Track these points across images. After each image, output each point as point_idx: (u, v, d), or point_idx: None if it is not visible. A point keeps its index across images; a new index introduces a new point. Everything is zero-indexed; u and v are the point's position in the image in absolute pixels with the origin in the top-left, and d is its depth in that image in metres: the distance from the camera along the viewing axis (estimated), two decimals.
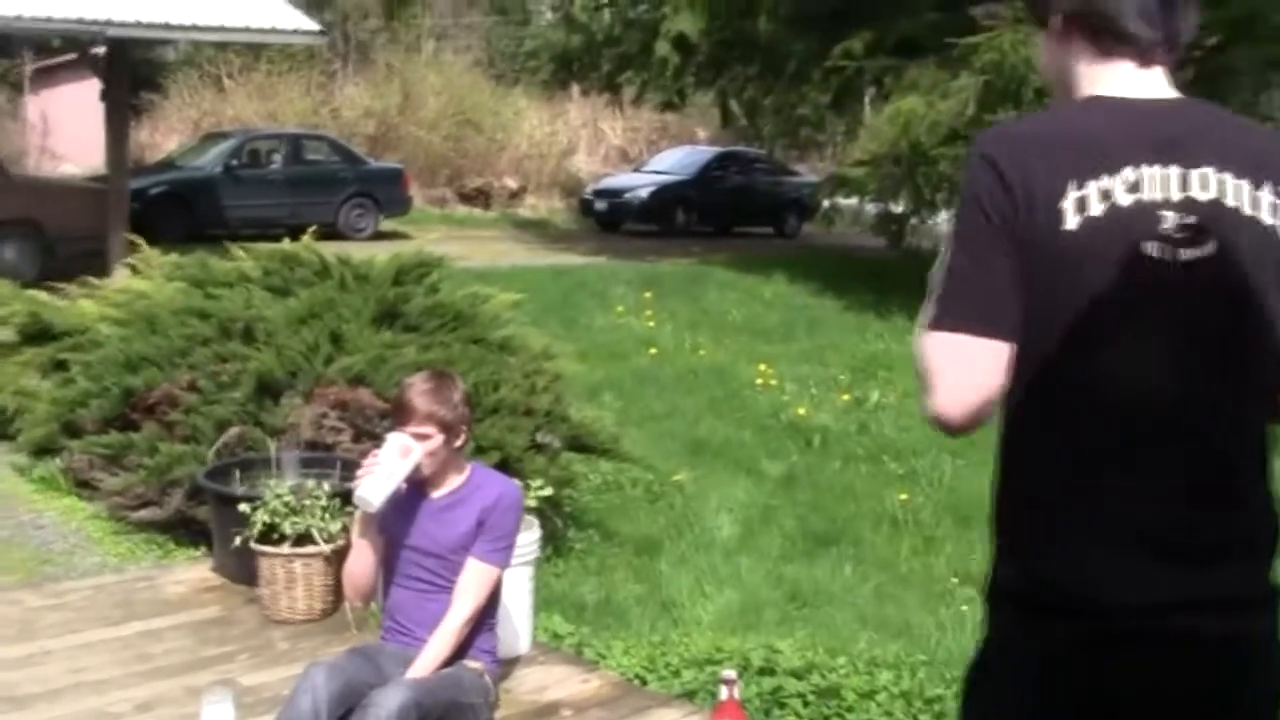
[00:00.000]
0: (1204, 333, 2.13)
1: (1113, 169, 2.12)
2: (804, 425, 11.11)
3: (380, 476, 4.10)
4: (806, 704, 5.02)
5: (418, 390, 4.22)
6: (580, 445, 7.62)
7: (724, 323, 16.53)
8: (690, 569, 7.24)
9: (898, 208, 20.52)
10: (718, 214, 28.21)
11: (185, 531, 6.62)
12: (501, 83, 37.81)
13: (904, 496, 8.91)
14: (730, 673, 4.25)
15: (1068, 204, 2.10)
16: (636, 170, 31.03)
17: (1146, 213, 2.11)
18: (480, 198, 31.07)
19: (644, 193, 27.66)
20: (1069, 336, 2.11)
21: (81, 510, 7.21)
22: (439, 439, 4.19)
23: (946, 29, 18.92)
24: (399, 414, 4.24)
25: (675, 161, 29.96)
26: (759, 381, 12.70)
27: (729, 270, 20.60)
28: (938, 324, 2.14)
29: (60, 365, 8.02)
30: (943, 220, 20.87)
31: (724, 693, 4.15)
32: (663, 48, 22.08)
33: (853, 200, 21.90)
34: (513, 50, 44.71)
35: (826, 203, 22.36)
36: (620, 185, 28.81)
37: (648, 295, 17.39)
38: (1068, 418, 2.15)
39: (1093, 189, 2.10)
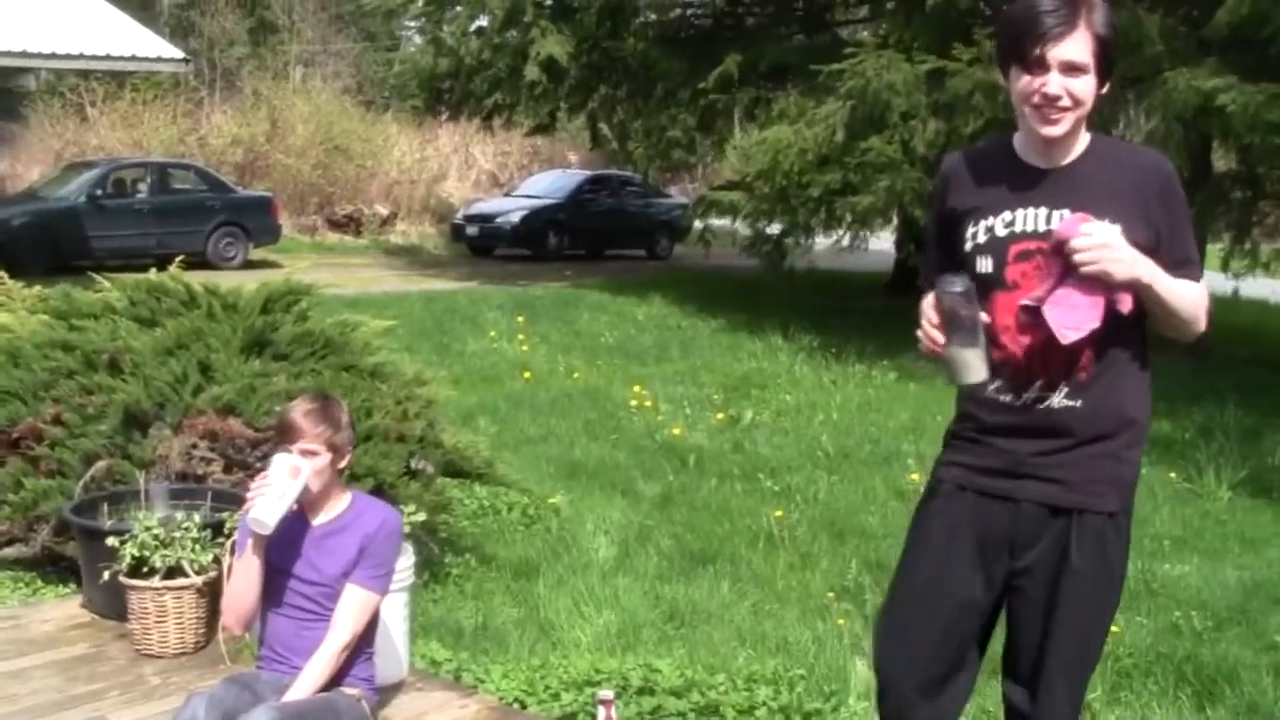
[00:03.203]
0: None
1: None
2: (679, 445, 11.16)
3: (273, 497, 4.06)
4: None
5: (301, 410, 4.20)
6: (455, 470, 7.58)
7: (597, 345, 16.56)
8: (568, 591, 7.23)
9: (773, 230, 20.57)
10: (589, 237, 28.33)
11: (54, 569, 6.48)
12: (372, 109, 37.65)
13: (779, 514, 8.97)
14: (606, 693, 4.26)
15: None
16: (508, 195, 31.06)
17: None
18: (351, 225, 30.87)
19: (515, 217, 27.69)
20: None
21: None
22: (326, 457, 4.17)
23: (813, 53, 19.13)
24: (285, 434, 4.20)
25: (546, 185, 30.02)
26: (633, 403, 12.74)
27: (602, 293, 20.68)
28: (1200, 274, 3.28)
29: None
30: (819, 241, 21.00)
31: (600, 713, 4.16)
32: (532, 71, 22.07)
33: (726, 220, 21.97)
34: (382, 76, 44.60)
35: (700, 224, 22.45)
36: (491, 210, 28.80)
37: (521, 319, 17.39)
38: None
39: None
